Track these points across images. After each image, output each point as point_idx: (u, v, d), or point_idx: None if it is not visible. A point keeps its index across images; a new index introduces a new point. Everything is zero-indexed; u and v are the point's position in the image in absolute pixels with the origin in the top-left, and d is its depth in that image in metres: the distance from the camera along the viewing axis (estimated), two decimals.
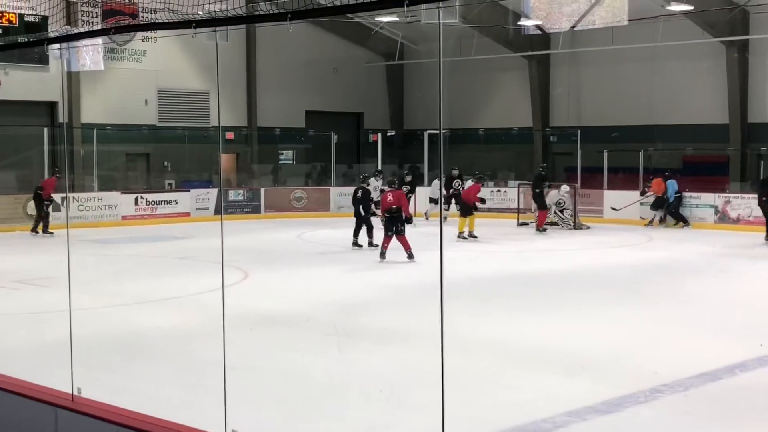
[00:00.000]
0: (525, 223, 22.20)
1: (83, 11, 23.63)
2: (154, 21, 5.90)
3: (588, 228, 21.51)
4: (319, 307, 11.32)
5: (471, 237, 18.84)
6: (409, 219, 15.78)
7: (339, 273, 14.55)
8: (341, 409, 6.94)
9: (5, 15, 21.45)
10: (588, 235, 20.41)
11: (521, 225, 22.18)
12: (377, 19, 27.67)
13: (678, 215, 21.71)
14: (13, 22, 21.27)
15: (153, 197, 23.79)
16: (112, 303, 11.55)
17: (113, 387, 6.89)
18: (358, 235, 17.22)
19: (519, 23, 25.27)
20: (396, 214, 15.36)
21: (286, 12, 4.68)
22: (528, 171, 27.71)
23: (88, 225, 21.35)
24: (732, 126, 25.17)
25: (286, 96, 29.37)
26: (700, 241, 18.82)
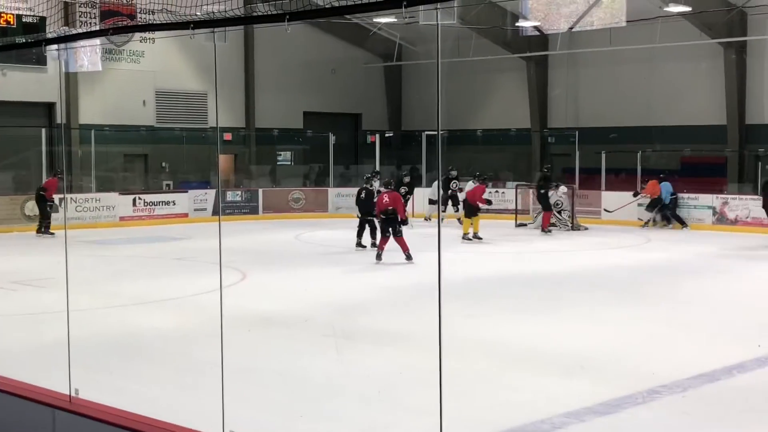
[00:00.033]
0: (523, 224, 22.19)
1: (81, 12, 23.64)
2: (152, 22, 5.89)
3: (586, 229, 21.51)
4: (317, 308, 11.31)
5: (476, 238, 18.81)
6: (405, 221, 15.75)
7: (337, 274, 14.54)
8: (339, 410, 6.94)
9: (3, 16, 21.41)
10: (586, 236, 20.41)
11: (519, 226, 22.17)
12: (375, 20, 27.63)
13: (676, 217, 21.72)
14: (11, 22, 21.23)
15: (151, 198, 23.75)
16: (110, 304, 11.55)
17: (111, 388, 6.89)
18: (361, 236, 17.16)
19: (517, 24, 25.30)
20: (392, 215, 15.32)
21: (284, 13, 4.67)
22: (526, 172, 27.72)
23: (85, 226, 21.32)
24: (730, 127, 25.18)
25: (284, 97, 29.35)
26: (698, 242, 18.82)
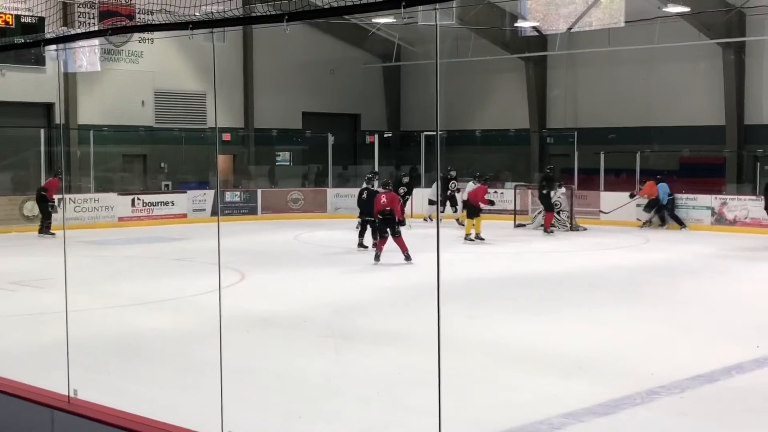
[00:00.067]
0: (522, 225, 22.21)
1: (80, 12, 23.63)
2: (150, 22, 5.90)
3: (585, 229, 21.52)
4: (316, 309, 11.31)
5: (478, 239, 18.80)
6: (402, 222, 15.73)
7: (336, 274, 14.54)
8: (338, 410, 6.93)
9: (2, 16, 21.39)
10: (585, 237, 20.42)
11: (518, 226, 22.17)
12: (374, 21, 27.63)
13: (674, 217, 21.72)
14: (10, 23, 21.22)
15: (150, 198, 23.75)
16: (108, 304, 11.55)
17: (110, 388, 6.89)
18: (363, 236, 17.14)
19: (516, 25, 25.30)
20: (389, 216, 15.31)
21: (282, 13, 4.67)
22: (525, 172, 27.73)
23: (84, 226, 21.31)
24: (728, 128, 25.19)
25: (282, 97, 29.34)
26: (696, 243, 18.83)
